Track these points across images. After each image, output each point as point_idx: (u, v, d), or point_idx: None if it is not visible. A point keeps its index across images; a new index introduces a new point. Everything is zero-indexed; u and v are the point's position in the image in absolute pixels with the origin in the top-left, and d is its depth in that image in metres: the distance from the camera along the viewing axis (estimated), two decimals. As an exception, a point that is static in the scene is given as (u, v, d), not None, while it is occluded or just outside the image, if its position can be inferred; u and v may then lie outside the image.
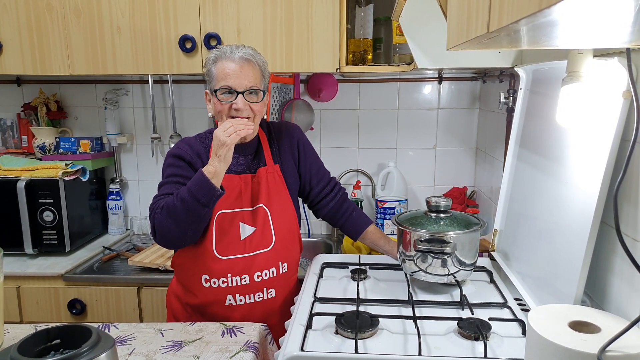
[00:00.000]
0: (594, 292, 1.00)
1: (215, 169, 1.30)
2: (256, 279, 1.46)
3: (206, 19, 1.92)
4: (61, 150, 2.31)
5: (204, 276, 1.45)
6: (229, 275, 1.44)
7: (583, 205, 0.96)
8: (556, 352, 0.78)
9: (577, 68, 0.94)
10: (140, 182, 2.48)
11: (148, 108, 2.40)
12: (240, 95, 1.38)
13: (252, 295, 1.47)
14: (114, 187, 2.39)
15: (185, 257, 1.48)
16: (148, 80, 2.33)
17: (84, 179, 2.18)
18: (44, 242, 2.07)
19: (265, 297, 1.49)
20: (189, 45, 1.92)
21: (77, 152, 2.30)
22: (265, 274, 1.48)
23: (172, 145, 1.58)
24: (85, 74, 2.01)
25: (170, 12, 1.92)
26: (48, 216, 2.05)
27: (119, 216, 2.40)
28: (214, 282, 1.45)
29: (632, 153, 0.83)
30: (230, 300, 1.46)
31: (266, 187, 1.49)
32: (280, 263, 1.51)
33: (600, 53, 0.94)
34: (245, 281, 1.46)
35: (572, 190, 1.04)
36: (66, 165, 2.11)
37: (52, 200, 2.04)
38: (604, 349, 0.74)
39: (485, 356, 1.02)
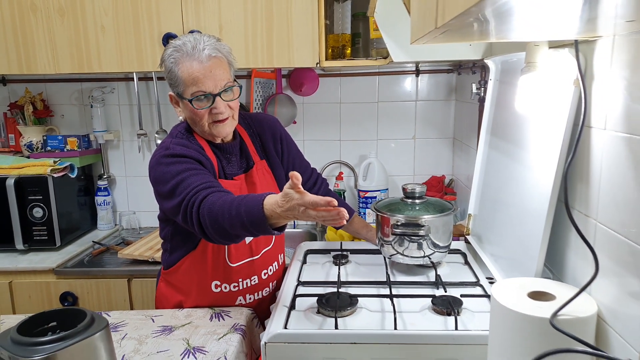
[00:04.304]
0: (554, 266, 1.08)
1: (279, 215, 1.07)
2: (263, 277, 1.51)
3: (188, 16, 1.97)
4: (49, 148, 2.34)
5: (215, 282, 1.44)
6: (240, 279, 1.46)
7: (542, 186, 1.04)
8: (515, 319, 0.86)
9: (533, 59, 1.01)
10: (128, 178, 2.53)
11: (134, 105, 2.45)
12: (217, 98, 1.31)
13: (260, 292, 1.51)
14: (102, 183, 2.44)
15: (192, 264, 1.44)
16: (133, 78, 2.37)
17: (72, 176, 2.22)
18: (35, 238, 2.11)
19: (270, 290, 1.54)
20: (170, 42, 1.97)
21: (65, 150, 2.33)
22: (270, 270, 1.53)
23: (159, 142, 1.54)
24: (70, 73, 2.05)
25: (152, 10, 1.97)
26: (38, 212, 2.09)
27: (107, 211, 2.44)
28: (225, 287, 1.45)
29: (580, 136, 0.90)
30: (240, 300, 1.48)
31: (260, 186, 1.48)
32: (279, 255, 1.58)
33: (554, 45, 1.02)
34: (254, 282, 1.48)
35: (533, 173, 1.12)
36: (54, 162, 2.15)
37: (41, 197, 2.08)
38: (555, 314, 0.82)
39: (456, 329, 1.10)
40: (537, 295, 0.92)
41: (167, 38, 1.97)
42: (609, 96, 0.85)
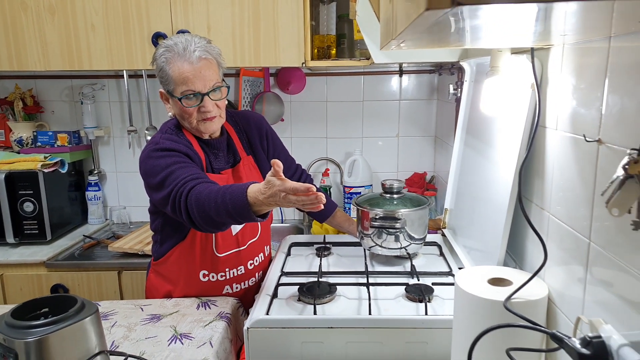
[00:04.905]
0: (516, 255, 1.17)
1: (262, 202, 1.14)
2: (249, 267, 1.57)
3: (177, 16, 2.02)
4: (39, 144, 2.39)
5: (203, 271, 1.51)
6: (227, 269, 1.53)
7: (504, 181, 1.12)
8: (474, 302, 0.94)
9: (497, 63, 1.09)
10: (118, 174, 2.59)
11: (124, 102, 2.50)
12: (206, 97, 1.37)
13: (246, 282, 1.58)
14: (92, 178, 2.49)
15: (181, 254, 1.50)
16: (123, 75, 2.42)
17: (63, 171, 2.27)
18: (25, 232, 2.16)
19: (257, 280, 1.61)
20: (160, 42, 2.02)
21: (55, 145, 2.38)
22: (256, 261, 1.60)
23: (149, 138, 1.58)
24: (61, 70, 2.10)
25: (142, 10, 2.02)
26: (28, 207, 2.14)
27: (98, 206, 2.50)
28: (212, 277, 1.52)
29: (534, 135, 0.98)
30: (227, 289, 1.55)
31: (246, 180, 1.50)
32: (265, 247, 1.65)
33: (517, 51, 1.09)
34: (240, 271, 1.55)
35: (498, 169, 1.20)
36: (45, 157, 2.20)
37: (32, 192, 2.14)
38: (509, 297, 0.90)
39: (426, 314, 1.18)
40: (496, 282, 1.00)
41: (157, 37, 2.03)
42: (560, 99, 0.92)
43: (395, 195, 1.55)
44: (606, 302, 0.76)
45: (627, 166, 0.65)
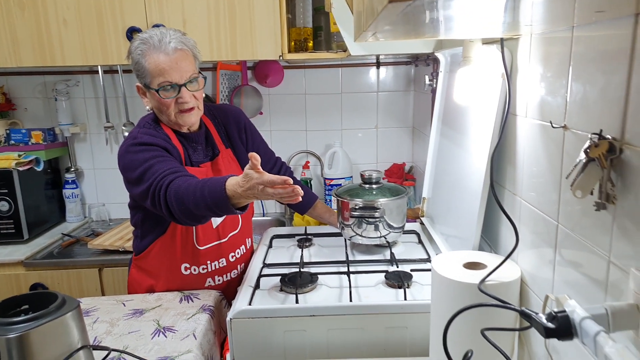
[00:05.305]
0: (491, 240, 1.20)
1: (240, 195, 1.16)
2: (231, 259, 1.59)
3: (152, 10, 2.01)
4: (12, 142, 2.35)
5: (184, 265, 1.52)
6: (208, 262, 1.54)
7: (478, 168, 1.16)
8: (450, 286, 0.97)
9: (469, 54, 1.12)
10: (96, 171, 2.56)
11: (99, 98, 2.47)
12: (183, 88, 1.38)
13: (228, 274, 1.59)
14: (69, 176, 2.46)
15: (162, 248, 1.50)
16: (98, 71, 2.39)
17: (39, 169, 2.24)
18: (1, 231, 2.13)
19: (239, 272, 1.62)
20: (135, 36, 2.00)
21: (30, 143, 2.34)
22: (238, 253, 1.61)
23: (126, 134, 1.58)
24: (33, 66, 2.07)
25: (116, 3, 2.00)
26: (4, 206, 2.11)
27: (76, 204, 2.47)
28: (194, 270, 1.53)
29: (505, 123, 1.01)
30: (209, 282, 1.56)
31: (225, 173, 1.49)
32: (246, 239, 1.66)
33: (488, 41, 1.12)
34: (222, 264, 1.57)
35: (472, 157, 1.24)
36: (19, 156, 2.16)
37: (6, 191, 2.11)
38: (483, 280, 0.93)
39: (405, 299, 1.21)
40: (471, 266, 1.03)
41: (132, 32, 2.01)
42: (529, 87, 0.96)
43: (374, 186, 1.58)
44: (573, 281, 0.79)
45: (588, 150, 0.68)
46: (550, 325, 0.65)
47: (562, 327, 0.64)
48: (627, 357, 0.57)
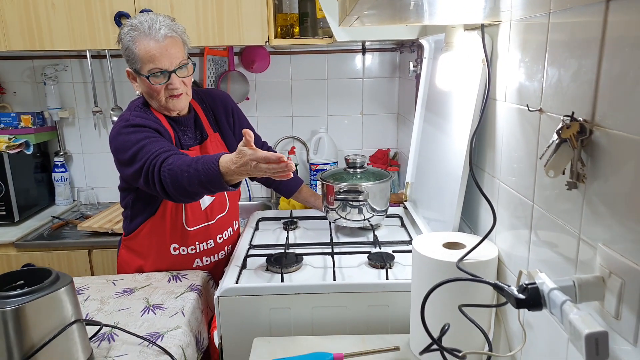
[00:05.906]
0: (470, 221, 1.25)
1: (234, 172, 1.18)
2: (219, 241, 1.62)
3: (140, -6, 2.01)
4: (2, 126, 2.34)
5: (173, 245, 1.55)
6: (197, 243, 1.57)
7: (459, 152, 1.19)
8: (430, 264, 1.01)
9: (451, 39, 1.15)
10: (85, 155, 2.56)
11: (88, 82, 2.47)
12: (173, 74, 1.40)
13: (216, 255, 1.62)
14: (58, 159, 2.46)
15: (152, 229, 1.53)
16: (86, 56, 2.38)
17: (28, 152, 2.24)
18: (-9, 214, 2.14)
19: (226, 253, 1.66)
20: (124, 21, 2.01)
21: (19, 127, 2.34)
22: (225, 235, 1.64)
23: (115, 119, 1.59)
24: (21, 50, 2.06)
25: (104, -12, 2.00)
26: (-6, 189, 2.12)
27: (65, 187, 2.48)
28: (183, 250, 1.56)
29: (485, 107, 1.05)
30: (197, 263, 1.59)
31: None
32: (234, 222, 1.69)
33: (470, 27, 1.15)
34: (210, 245, 1.60)
35: (453, 142, 1.27)
36: (9, 139, 2.16)
37: (-3, 173, 2.11)
38: (461, 259, 0.97)
39: (387, 279, 1.25)
40: (451, 245, 1.07)
41: (120, 17, 2.01)
42: (508, 72, 0.99)
43: (358, 170, 1.61)
44: (547, 259, 0.84)
45: (560, 131, 0.72)
46: (520, 296, 0.70)
47: (532, 298, 0.69)
48: (589, 322, 0.61)
